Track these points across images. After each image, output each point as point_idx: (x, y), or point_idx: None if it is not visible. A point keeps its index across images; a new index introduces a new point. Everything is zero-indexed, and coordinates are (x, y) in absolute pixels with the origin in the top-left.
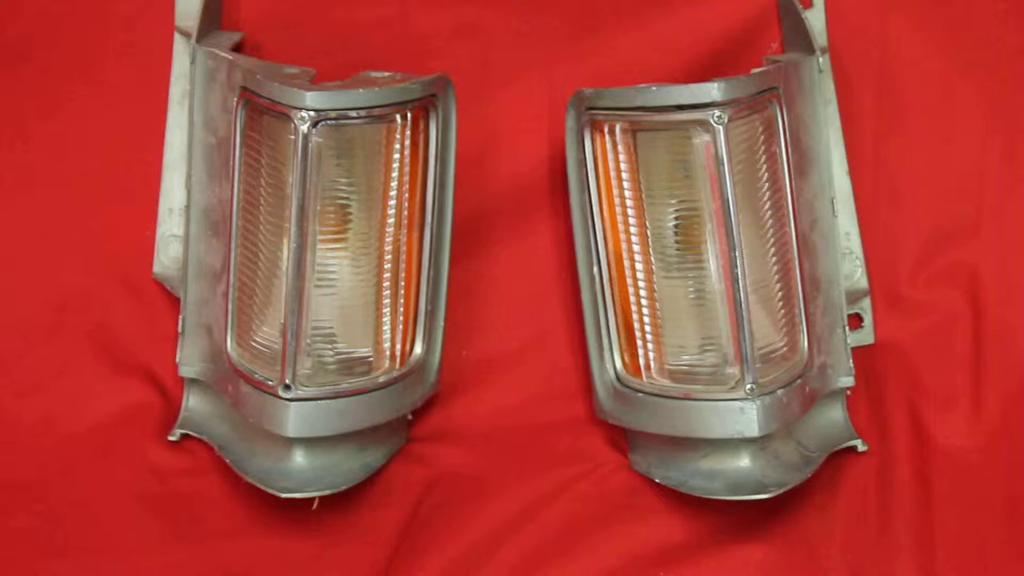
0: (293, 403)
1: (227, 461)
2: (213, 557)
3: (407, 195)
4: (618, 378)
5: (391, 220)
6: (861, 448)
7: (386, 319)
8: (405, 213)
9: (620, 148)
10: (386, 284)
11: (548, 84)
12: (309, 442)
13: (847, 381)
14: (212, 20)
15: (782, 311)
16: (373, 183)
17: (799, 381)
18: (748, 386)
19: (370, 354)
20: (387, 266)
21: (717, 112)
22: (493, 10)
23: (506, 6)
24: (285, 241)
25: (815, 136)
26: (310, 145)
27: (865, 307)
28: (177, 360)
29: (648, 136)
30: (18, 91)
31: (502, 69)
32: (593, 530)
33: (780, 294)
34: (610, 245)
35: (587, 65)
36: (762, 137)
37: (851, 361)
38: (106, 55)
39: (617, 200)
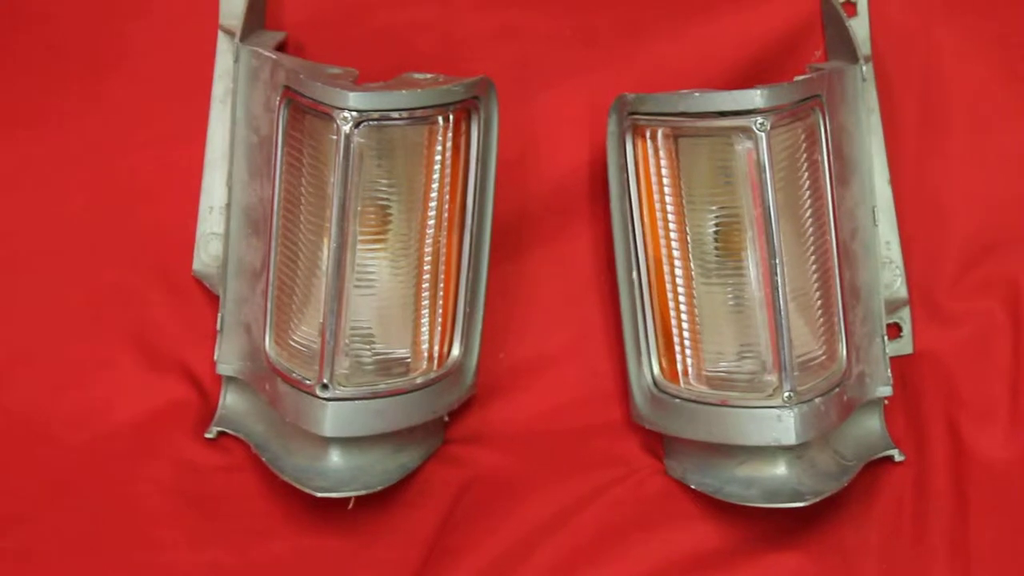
0: (330, 403)
1: (263, 459)
2: (247, 555)
3: (447, 197)
4: (655, 383)
5: (431, 221)
6: (898, 458)
7: (424, 320)
8: (445, 215)
9: (662, 153)
10: (425, 285)
11: (590, 88)
12: (345, 442)
13: (885, 391)
14: (256, 19)
15: (821, 319)
16: (414, 184)
17: (837, 390)
18: (786, 394)
19: (408, 355)
20: (426, 267)
21: (760, 119)
22: (537, 13)
23: (550, 9)
24: (325, 241)
25: (857, 145)
26: (352, 145)
27: (904, 317)
28: (215, 358)
29: (690, 142)
30: (61, 87)
31: (544, 72)
32: (628, 535)
33: (819, 302)
34: (650, 250)
35: (629, 69)
36: (804, 145)
37: (889, 371)
38: (150, 52)
39: (658, 205)
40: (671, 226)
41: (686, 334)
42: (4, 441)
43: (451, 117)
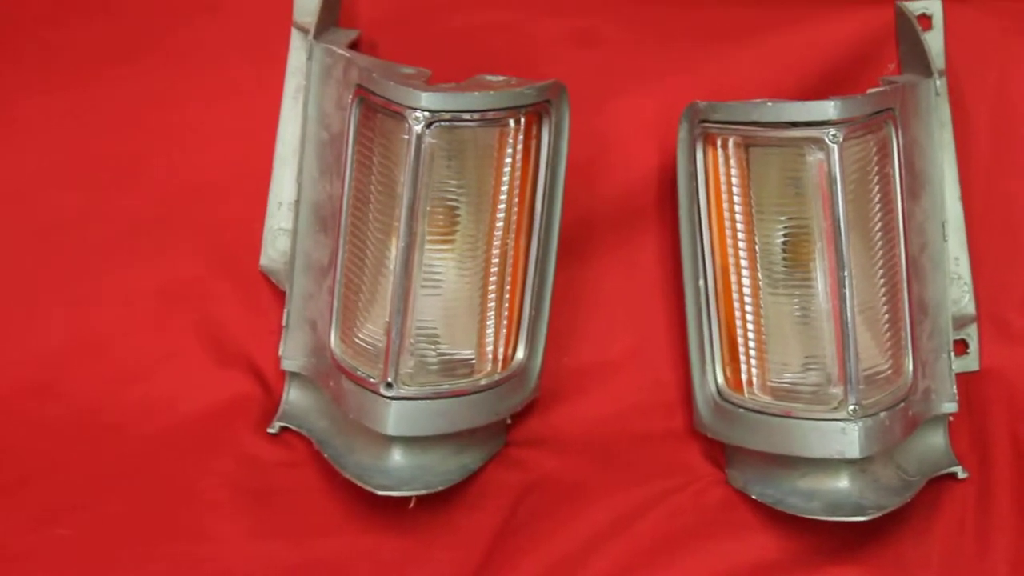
0: (394, 401)
1: (325, 456)
2: (307, 551)
3: (516, 200)
4: (719, 392)
5: (499, 224)
6: (961, 475)
7: (490, 322)
8: (514, 217)
9: (732, 162)
10: (491, 287)
11: (661, 95)
12: (408, 441)
13: (950, 407)
14: (330, 16)
15: (888, 333)
16: (483, 186)
17: (902, 404)
18: (851, 407)
19: (472, 356)
20: (493, 270)
21: (832, 131)
22: (610, 19)
23: (624, 16)
24: (393, 240)
25: (929, 159)
26: (423, 146)
27: (971, 333)
28: (280, 353)
29: (761, 151)
30: (135, 82)
31: (617, 78)
32: (687, 543)
33: (887, 316)
34: (717, 258)
35: (701, 77)
36: (876, 158)
37: (955, 387)
38: (223, 48)
39: (727, 214)
40: (739, 235)
41: (751, 344)
42: (70, 431)
43: (522, 120)
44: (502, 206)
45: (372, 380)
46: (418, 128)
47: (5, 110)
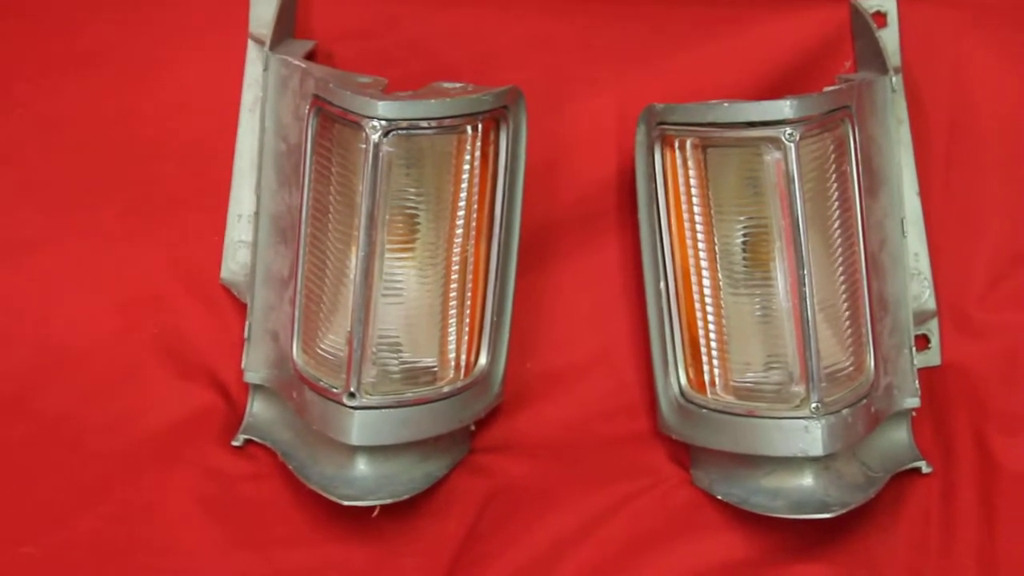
0: (357, 411)
1: (290, 467)
2: (274, 562)
3: (476, 206)
4: (682, 394)
5: (459, 231)
6: (925, 470)
7: (452, 329)
8: (473, 224)
9: (690, 163)
10: (452, 294)
11: (618, 98)
12: (372, 450)
13: (913, 402)
14: (286, 28)
15: (849, 330)
16: (442, 193)
17: (864, 401)
18: (813, 405)
19: (435, 364)
20: (454, 276)
21: (789, 130)
22: (566, 23)
23: (579, 20)
24: (353, 249)
25: (886, 156)
26: (381, 154)
27: (932, 328)
28: (242, 366)
29: (719, 152)
30: (92, 98)
31: (573, 82)
32: (654, 545)
33: (847, 313)
34: (677, 260)
35: (658, 79)
36: (833, 156)
37: (917, 382)
38: (179, 61)
39: (686, 215)
40: (699, 236)
41: (713, 344)
42: (35, 448)
43: (480, 126)
44: (461, 213)
45: (335, 390)
46: (375, 137)
47: None
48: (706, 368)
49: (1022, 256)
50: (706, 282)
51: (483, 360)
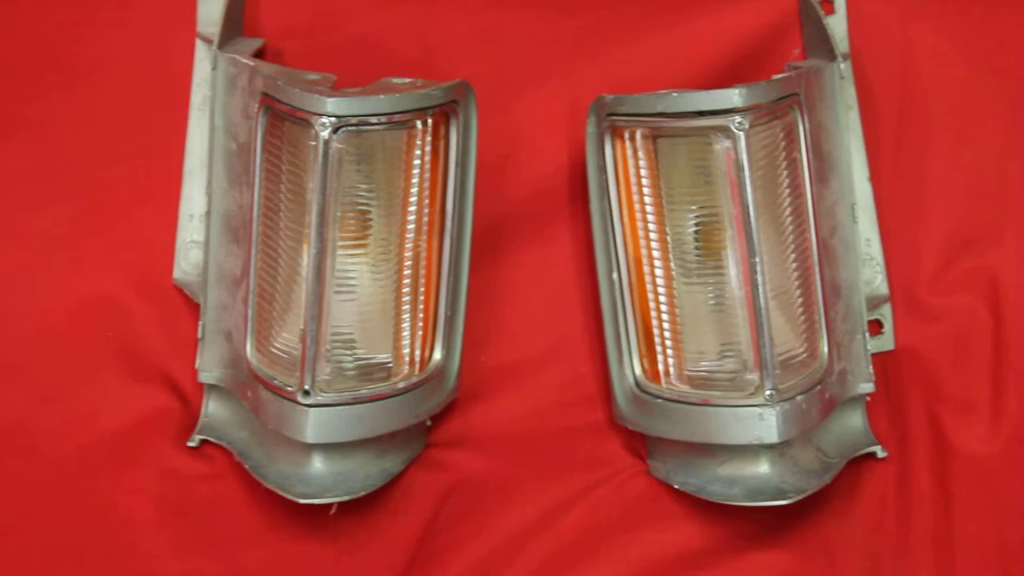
0: (312, 409)
1: (246, 467)
2: (233, 562)
3: (427, 201)
4: (637, 384)
5: (411, 226)
6: (881, 454)
7: (406, 325)
8: (425, 219)
9: (640, 154)
10: (406, 290)
11: (568, 90)
12: (328, 448)
13: (867, 387)
14: (234, 27)
15: (802, 317)
16: (393, 189)
17: (819, 387)
18: (767, 392)
19: (389, 360)
20: (407, 272)
21: (738, 118)
22: (514, 16)
23: (527, 13)
24: (305, 247)
25: (836, 142)
26: (331, 151)
27: (885, 313)
28: (196, 366)
29: (669, 142)
30: (39, 97)
31: (523, 75)
32: (612, 536)
33: (800, 300)
34: (630, 251)
35: (608, 71)
36: (783, 143)
37: (871, 367)
38: (127, 60)
39: (637, 206)
40: (651, 226)
41: (667, 334)
42: None
43: (429, 121)
44: (413, 208)
45: (289, 388)
46: (325, 134)
47: None
48: (660, 358)
49: (972, 239)
50: (659, 272)
51: (438, 355)
